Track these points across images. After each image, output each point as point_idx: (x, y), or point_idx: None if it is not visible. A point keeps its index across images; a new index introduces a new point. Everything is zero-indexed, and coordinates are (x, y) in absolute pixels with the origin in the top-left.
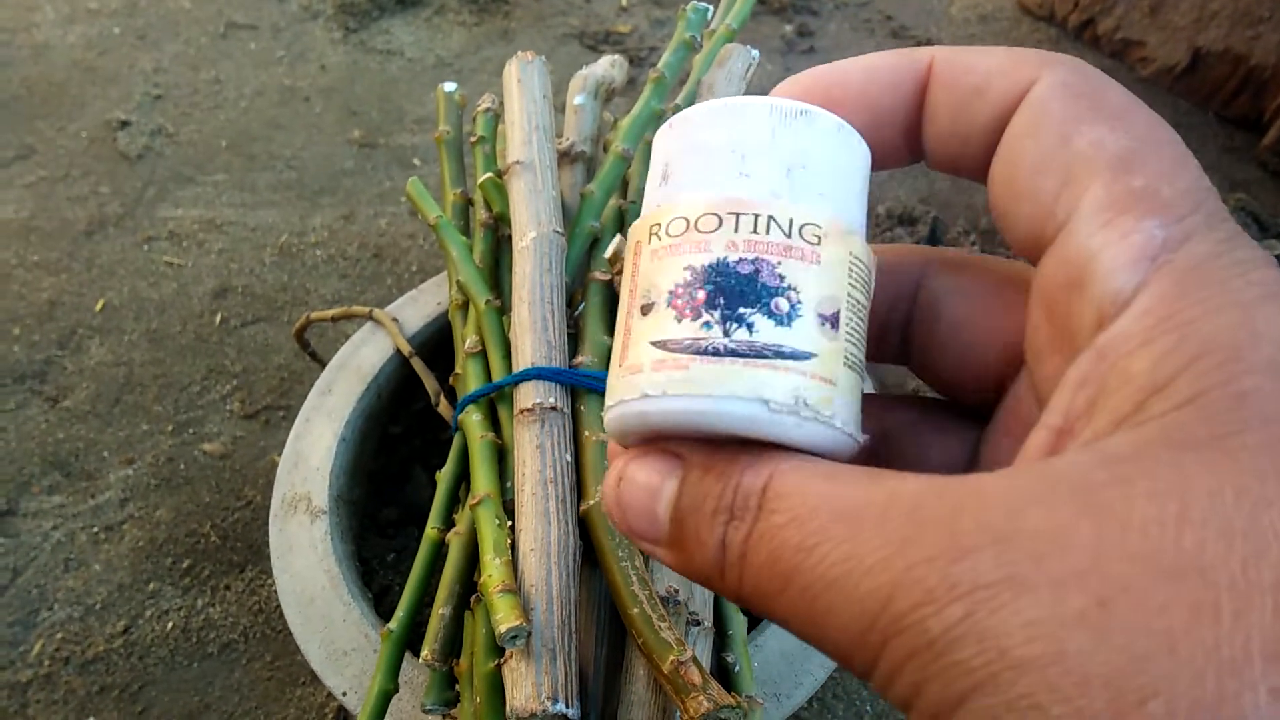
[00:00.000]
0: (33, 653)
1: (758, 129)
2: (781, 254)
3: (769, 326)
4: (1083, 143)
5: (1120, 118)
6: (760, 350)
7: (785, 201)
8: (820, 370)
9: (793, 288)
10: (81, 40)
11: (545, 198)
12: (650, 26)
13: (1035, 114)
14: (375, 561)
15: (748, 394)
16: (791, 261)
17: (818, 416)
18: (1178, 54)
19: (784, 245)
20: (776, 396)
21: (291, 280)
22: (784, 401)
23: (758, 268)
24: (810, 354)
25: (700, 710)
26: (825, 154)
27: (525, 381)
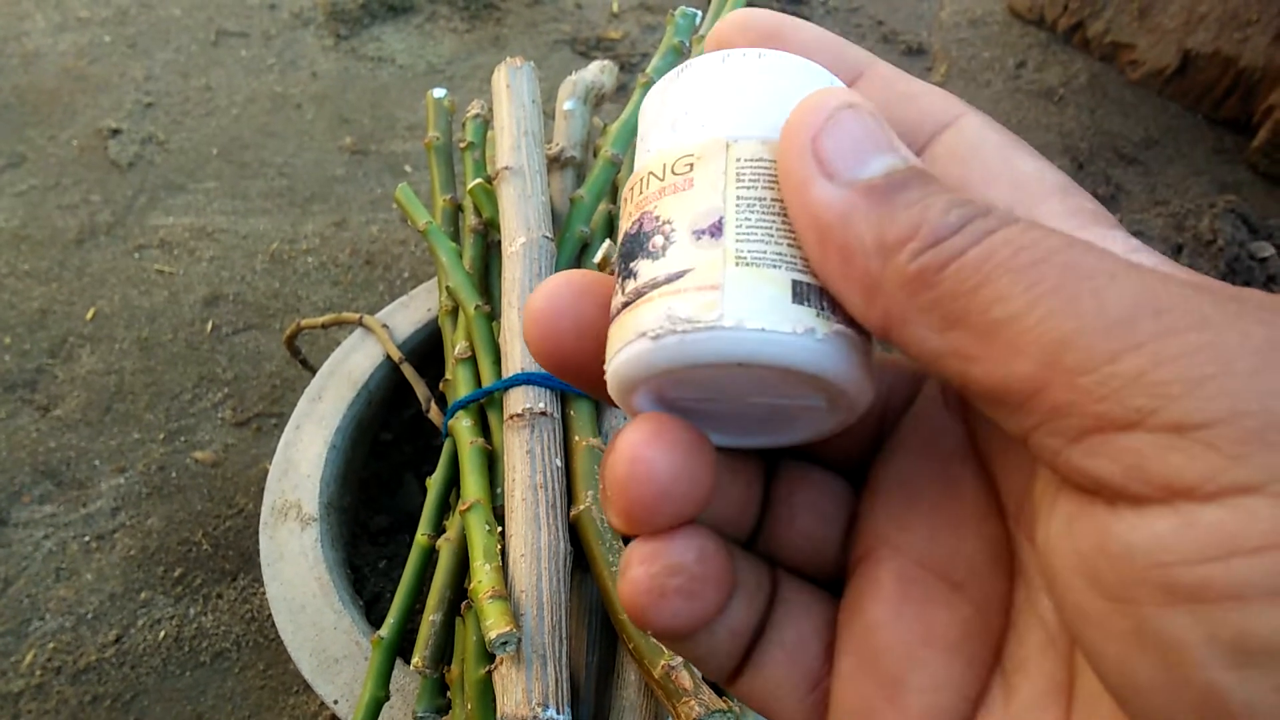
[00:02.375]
0: (24, 663)
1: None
2: (656, 197)
3: (647, 266)
4: (1026, 167)
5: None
6: (640, 291)
7: (664, 150)
8: (697, 281)
9: (667, 221)
10: (72, 48)
11: (535, 203)
12: (641, 32)
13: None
14: (366, 569)
15: (633, 335)
16: (666, 199)
17: (698, 324)
18: (1167, 56)
19: (659, 189)
20: (650, 325)
21: (283, 288)
22: (658, 326)
23: (641, 222)
24: (683, 271)
25: (692, 715)
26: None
27: (515, 387)
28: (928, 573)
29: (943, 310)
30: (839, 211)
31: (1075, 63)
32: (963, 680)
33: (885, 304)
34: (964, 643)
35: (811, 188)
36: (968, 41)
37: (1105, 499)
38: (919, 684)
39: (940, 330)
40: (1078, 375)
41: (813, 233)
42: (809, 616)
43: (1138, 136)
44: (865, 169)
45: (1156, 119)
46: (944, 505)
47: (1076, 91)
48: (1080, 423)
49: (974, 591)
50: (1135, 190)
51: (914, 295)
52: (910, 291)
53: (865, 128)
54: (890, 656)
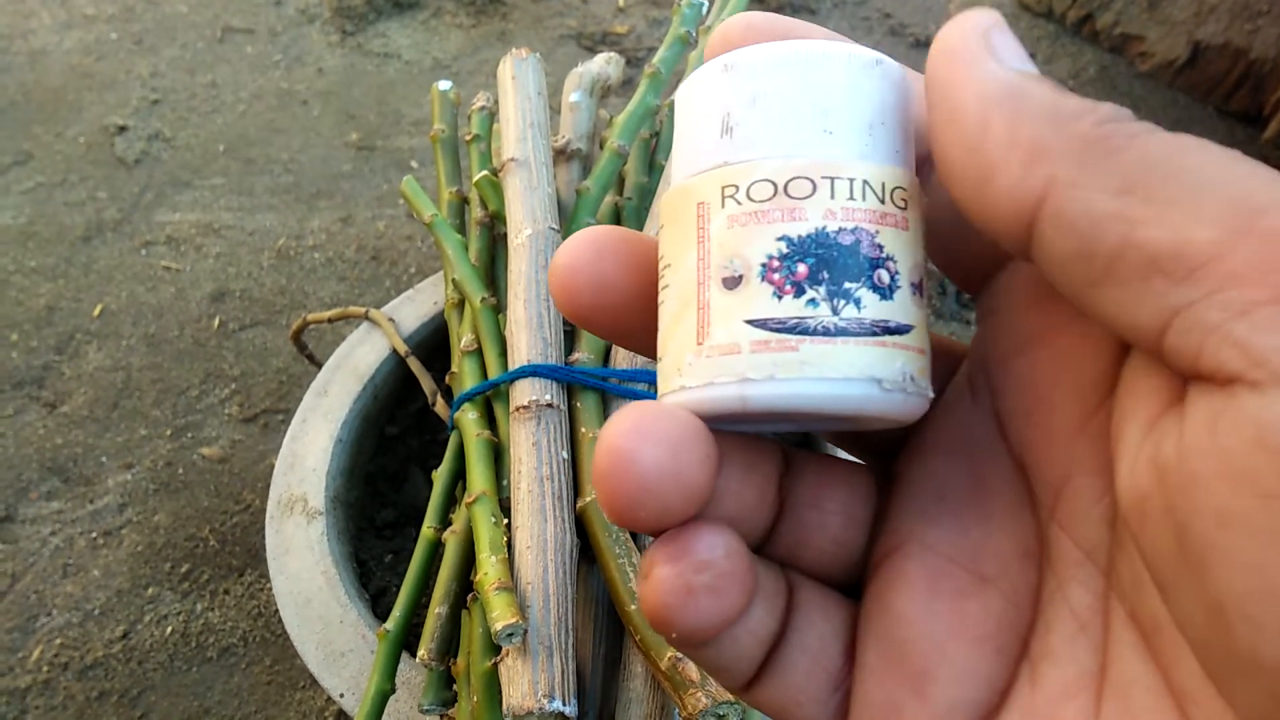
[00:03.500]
0: (31, 658)
1: (837, 81)
2: (878, 221)
3: (874, 301)
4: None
5: None
6: (869, 327)
7: (872, 163)
8: (918, 342)
9: (891, 257)
10: (78, 46)
11: (540, 194)
12: (648, 27)
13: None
14: (372, 563)
15: (861, 375)
16: (887, 229)
17: (921, 390)
18: (1177, 48)
19: (879, 212)
20: (889, 375)
21: (289, 284)
22: (895, 379)
23: (858, 238)
24: (910, 326)
25: (698, 707)
26: (898, 108)
27: (521, 379)
28: (956, 567)
29: (1122, 175)
30: (1011, 83)
31: (1085, 55)
32: (990, 672)
33: (1052, 168)
34: (993, 635)
35: (985, 62)
36: None
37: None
38: (946, 676)
39: (1114, 194)
40: (1266, 243)
41: (977, 107)
42: (828, 619)
43: None
44: (1029, 66)
45: (1166, 111)
46: (973, 499)
47: (1086, 84)
48: (1260, 293)
49: (1003, 585)
50: None
51: (1092, 158)
52: (1088, 154)
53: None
54: (917, 650)
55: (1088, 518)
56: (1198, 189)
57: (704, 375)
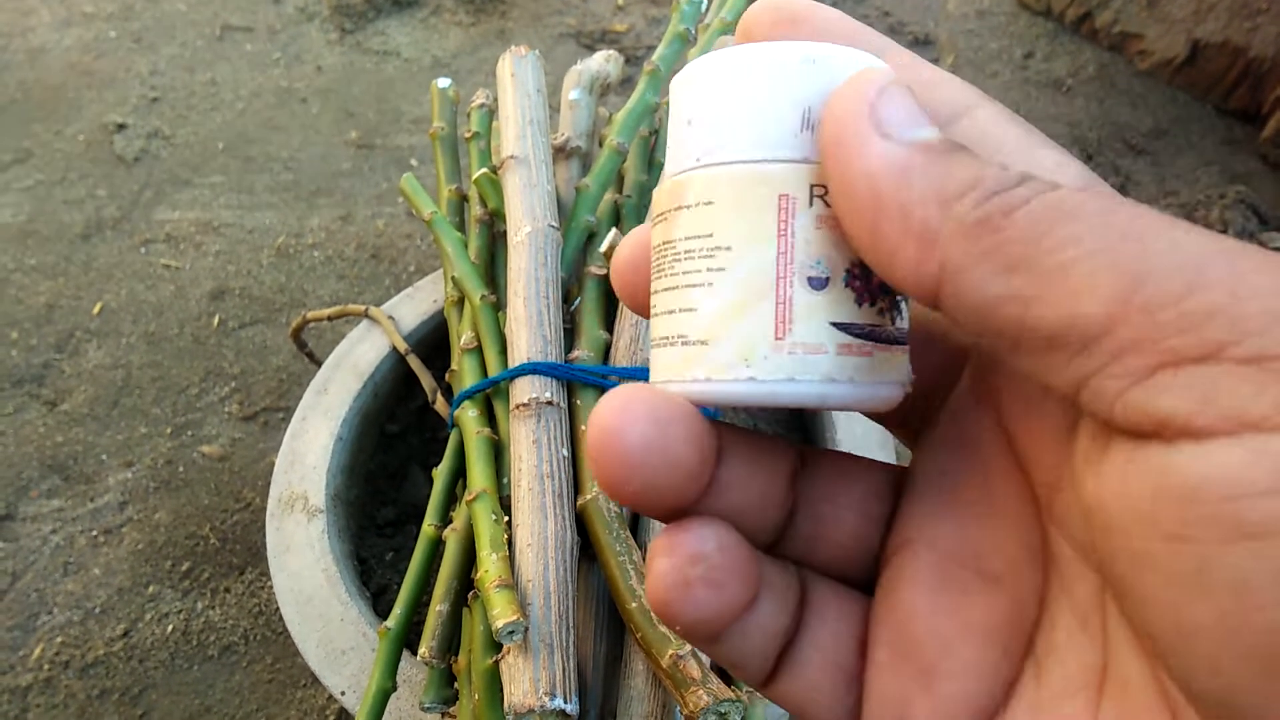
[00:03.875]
0: (32, 657)
1: None
2: None
3: (905, 314)
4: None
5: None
6: (905, 336)
7: None
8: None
9: None
10: (77, 44)
11: (540, 192)
12: (647, 25)
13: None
14: (373, 561)
15: (901, 379)
16: None
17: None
18: (1176, 46)
19: None
20: (904, 378)
21: (289, 282)
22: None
23: None
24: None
25: (700, 705)
26: None
27: (521, 376)
28: (963, 565)
29: (1006, 255)
30: (898, 166)
31: (1083, 53)
32: (997, 668)
33: (943, 254)
34: (999, 632)
35: (871, 144)
36: (975, 32)
37: (1166, 438)
38: (953, 671)
39: (1003, 274)
40: (1152, 312)
41: (868, 191)
42: (843, 617)
43: (1147, 127)
44: (919, 133)
45: (1165, 109)
46: (980, 500)
47: (1085, 82)
48: (1151, 359)
49: (1009, 583)
50: (1144, 181)
51: (975, 241)
52: (972, 238)
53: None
54: (926, 646)
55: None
56: (1081, 260)
57: (784, 370)
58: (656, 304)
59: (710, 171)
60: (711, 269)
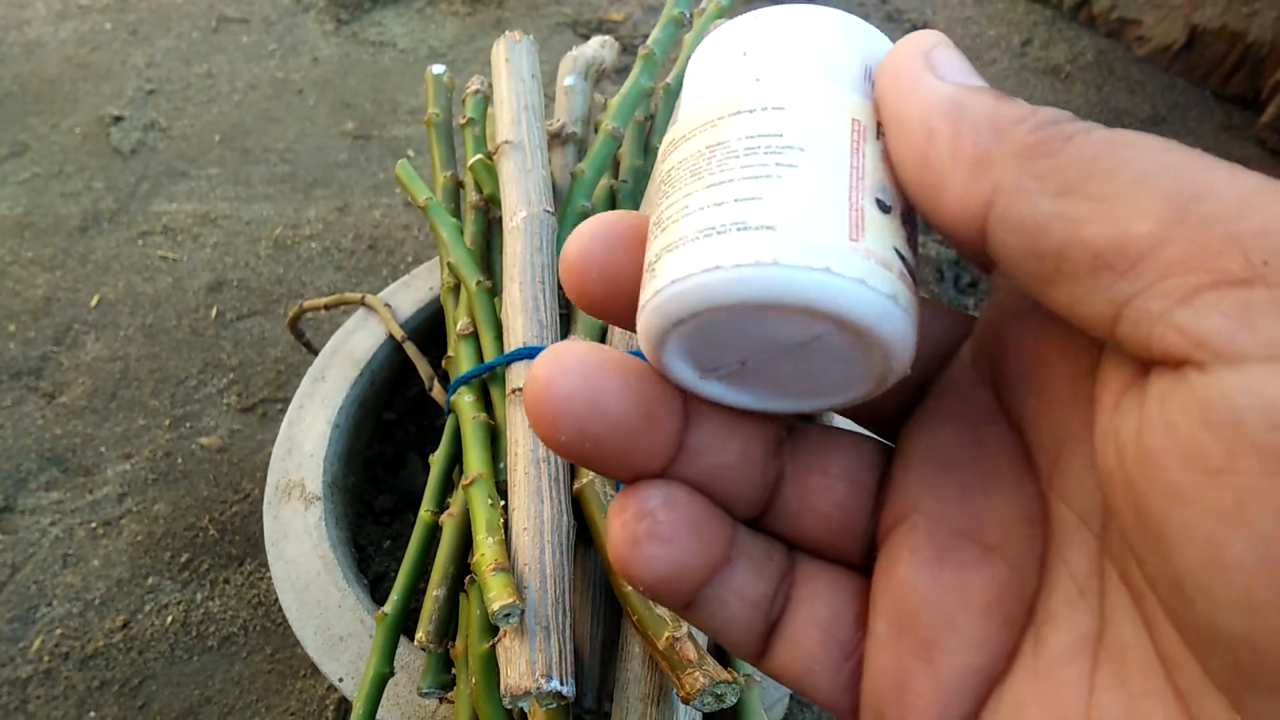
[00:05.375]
0: (32, 649)
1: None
2: None
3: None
4: None
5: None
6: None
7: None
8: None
9: None
10: (73, 36)
11: (535, 177)
12: (643, 14)
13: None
14: (371, 548)
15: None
16: None
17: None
18: (1174, 32)
19: None
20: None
21: (287, 273)
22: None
23: None
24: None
25: (696, 686)
26: None
27: (517, 361)
28: (962, 537)
29: (1060, 177)
30: (952, 98)
31: (1081, 39)
32: (997, 639)
33: (996, 176)
34: (999, 603)
35: (926, 78)
36: (972, 20)
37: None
38: (954, 645)
39: (1055, 195)
40: (1202, 230)
41: (921, 120)
42: (837, 589)
43: (1145, 113)
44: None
45: (1164, 95)
46: (977, 470)
47: (1083, 69)
48: (1197, 279)
49: (1008, 553)
50: None
51: (1029, 163)
52: (1026, 159)
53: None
54: (925, 619)
55: (1082, 483)
56: (1134, 183)
57: (859, 271)
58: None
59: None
60: (781, 164)
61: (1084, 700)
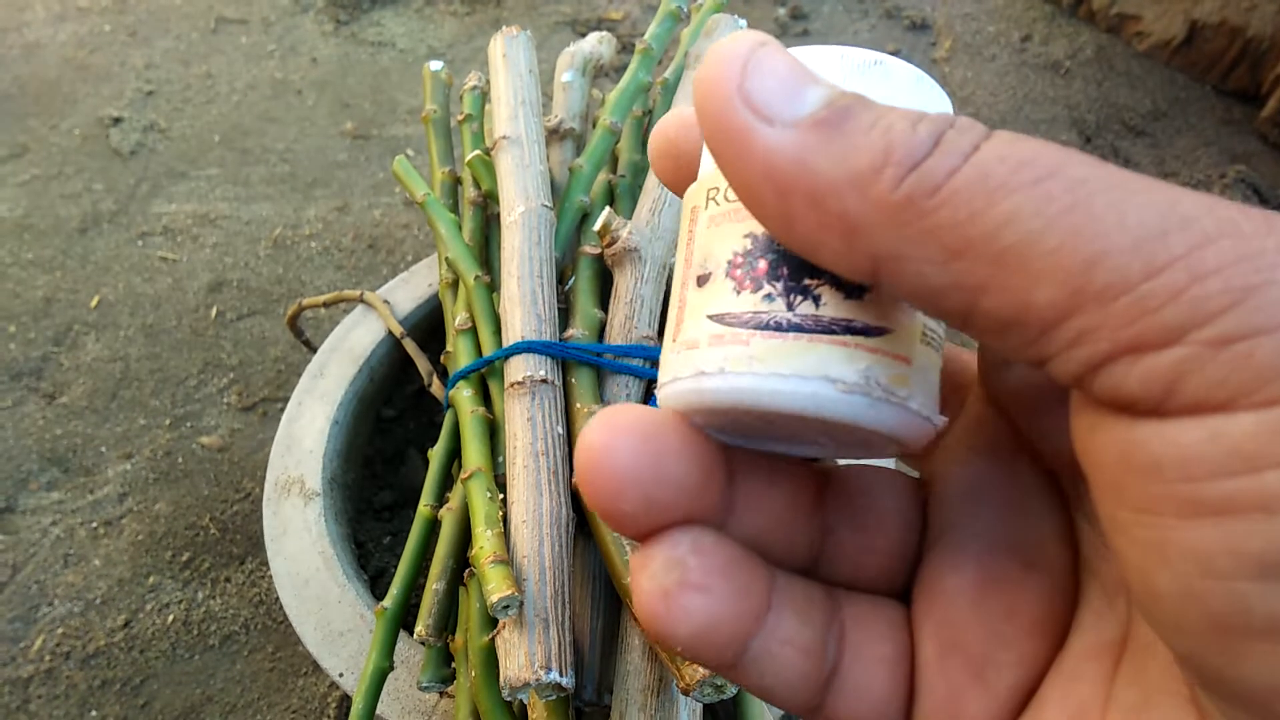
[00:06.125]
0: (33, 648)
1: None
2: None
3: (837, 299)
4: None
5: None
6: (827, 325)
7: None
8: (895, 347)
9: None
10: (72, 38)
11: (533, 172)
12: (642, 12)
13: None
14: (371, 544)
15: (813, 372)
16: None
17: (891, 397)
18: (1174, 27)
19: None
20: (845, 375)
21: (286, 273)
22: (854, 381)
23: None
24: (884, 329)
25: (696, 678)
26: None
27: (515, 355)
28: (1003, 555)
29: (941, 240)
30: (793, 154)
31: (1081, 35)
32: (1042, 653)
33: (871, 245)
34: (1045, 620)
35: (755, 137)
36: (972, 16)
37: (1130, 414)
38: (1005, 660)
39: (942, 263)
40: (1110, 298)
41: (769, 188)
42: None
43: (1145, 108)
44: (804, 105)
45: (1164, 90)
46: (1010, 494)
47: (1083, 64)
48: (1111, 347)
49: (1048, 569)
50: (1144, 162)
51: (903, 227)
52: (898, 224)
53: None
54: (974, 637)
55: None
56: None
57: (672, 371)
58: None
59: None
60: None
61: (1102, 695)
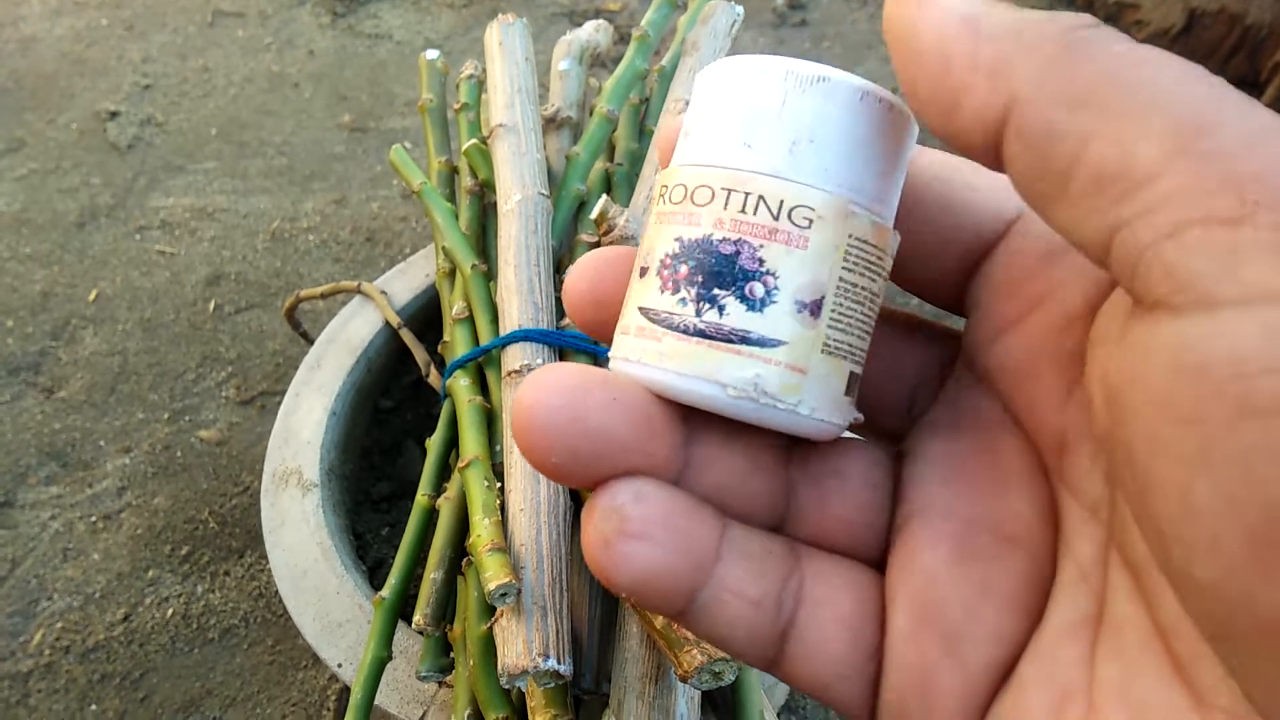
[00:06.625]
0: (33, 642)
1: (769, 95)
2: (765, 236)
3: (740, 311)
4: None
5: None
6: (727, 334)
7: (781, 180)
8: (789, 358)
9: (771, 272)
10: (69, 32)
11: (530, 160)
12: (640, 3)
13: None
14: (369, 535)
15: (708, 376)
16: (775, 245)
17: (777, 404)
18: (1173, 15)
19: (769, 228)
20: (733, 382)
21: (284, 266)
22: (742, 388)
23: (739, 249)
24: (779, 341)
25: (694, 664)
26: (840, 126)
27: (513, 344)
28: (981, 530)
29: (1078, 88)
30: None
31: None
32: (1017, 630)
33: (1014, 84)
34: (1020, 595)
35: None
36: None
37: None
38: (979, 636)
39: (1069, 107)
40: (1204, 163)
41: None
42: (857, 585)
43: None
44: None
45: None
46: (991, 471)
47: None
48: (1187, 214)
49: (1027, 546)
50: None
51: (1053, 70)
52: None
53: None
54: (949, 610)
55: (1089, 476)
56: (1146, 105)
57: (613, 350)
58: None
59: None
60: None
61: (1086, 676)
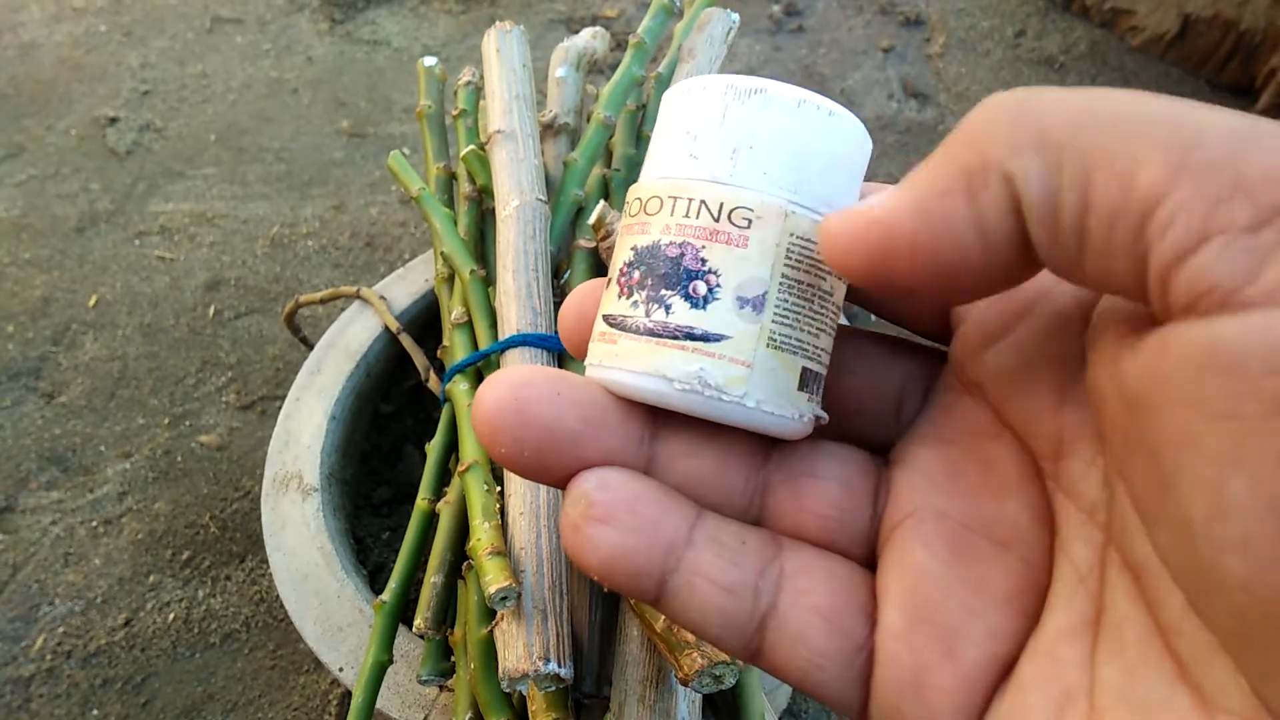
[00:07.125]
0: (34, 647)
1: (712, 109)
2: (707, 238)
3: (684, 309)
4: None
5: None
6: (673, 331)
7: (721, 185)
8: (732, 352)
9: (713, 271)
10: (68, 38)
11: (527, 166)
12: (637, 10)
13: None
14: (370, 540)
15: (655, 372)
16: (716, 245)
17: (722, 396)
18: (1167, 22)
19: (711, 230)
20: (679, 376)
21: (284, 271)
22: (689, 382)
23: (683, 251)
24: (722, 336)
25: (694, 667)
26: (778, 133)
27: (511, 349)
28: (974, 532)
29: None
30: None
31: (1075, 30)
32: (1015, 631)
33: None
34: (1016, 596)
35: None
36: (966, 11)
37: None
38: (975, 634)
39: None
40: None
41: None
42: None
43: None
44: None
45: (1158, 85)
46: (983, 476)
47: (1077, 59)
48: (1205, 226)
49: (1021, 548)
50: None
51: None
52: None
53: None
54: (944, 610)
55: (1086, 479)
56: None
57: (587, 358)
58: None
59: None
60: None
61: (1087, 677)
